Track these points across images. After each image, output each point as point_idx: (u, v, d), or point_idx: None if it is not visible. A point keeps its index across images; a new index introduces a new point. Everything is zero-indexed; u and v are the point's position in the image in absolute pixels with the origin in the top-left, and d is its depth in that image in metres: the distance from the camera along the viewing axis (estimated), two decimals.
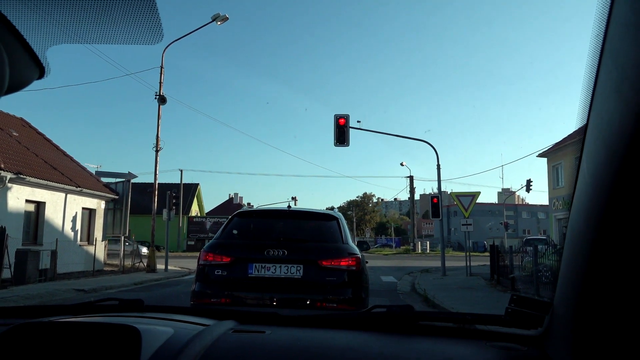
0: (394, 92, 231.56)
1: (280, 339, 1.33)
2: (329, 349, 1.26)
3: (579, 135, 0.86)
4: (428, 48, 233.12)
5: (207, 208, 68.51)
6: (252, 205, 57.28)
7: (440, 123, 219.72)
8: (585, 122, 0.86)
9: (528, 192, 44.30)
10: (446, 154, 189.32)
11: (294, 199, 53.67)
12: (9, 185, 16.46)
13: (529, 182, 43.28)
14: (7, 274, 14.52)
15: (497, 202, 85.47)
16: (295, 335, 1.36)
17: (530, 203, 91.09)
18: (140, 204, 39.86)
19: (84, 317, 1.46)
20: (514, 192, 76.71)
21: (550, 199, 33.43)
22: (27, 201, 17.74)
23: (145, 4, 0.75)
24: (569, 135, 30.51)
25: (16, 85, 0.73)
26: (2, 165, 15.72)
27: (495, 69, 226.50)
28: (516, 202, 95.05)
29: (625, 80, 0.68)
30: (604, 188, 0.79)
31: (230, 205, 72.07)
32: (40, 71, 0.78)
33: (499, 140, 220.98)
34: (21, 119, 22.80)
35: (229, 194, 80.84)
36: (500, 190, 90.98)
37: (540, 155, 33.44)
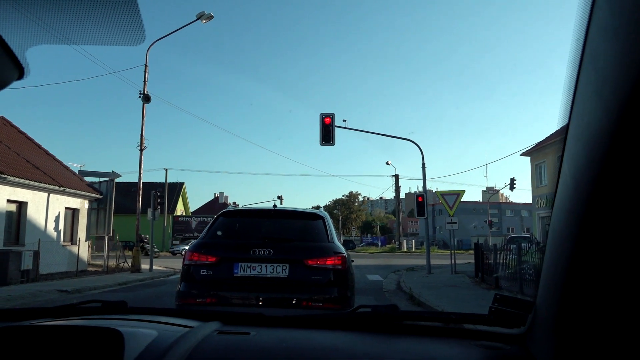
0: (378, 92, 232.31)
1: (265, 340, 1.32)
2: (314, 349, 1.26)
3: (561, 136, 0.87)
4: (411, 49, 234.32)
5: (193, 207, 68.26)
6: (238, 205, 57.09)
7: (425, 122, 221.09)
8: (566, 123, 0.87)
9: (512, 190, 44.81)
10: (431, 153, 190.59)
11: (279, 197, 53.63)
12: None
13: (512, 180, 43.78)
14: None
15: (481, 201, 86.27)
16: (280, 336, 1.35)
17: (514, 201, 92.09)
18: (125, 204, 39.50)
19: (66, 320, 1.44)
20: (498, 191, 77.45)
21: (533, 197, 33.83)
22: (9, 201, 17.47)
23: (126, 5, 0.74)
24: (551, 135, 30.90)
25: None
26: None
27: (478, 69, 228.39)
28: (500, 201, 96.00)
29: (605, 83, 0.69)
30: (584, 189, 0.80)
31: (215, 205, 71.80)
32: (19, 72, 0.76)
33: (483, 139, 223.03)
34: (2, 117, 22.44)
35: (215, 193, 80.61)
36: (485, 189, 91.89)
37: (524, 154, 33.82)
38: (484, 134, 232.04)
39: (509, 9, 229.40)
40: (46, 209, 19.55)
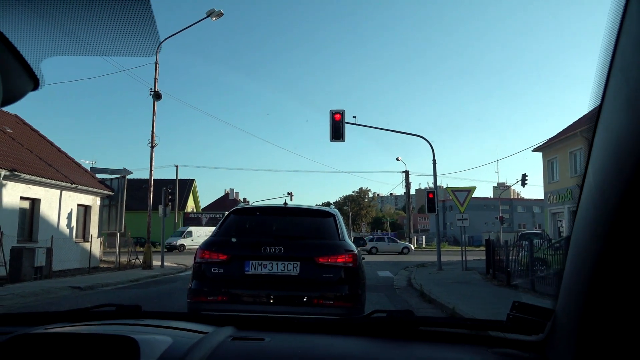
0: (389, 90, 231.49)
1: (280, 346, 1.31)
2: (328, 356, 1.25)
3: (573, 131, 0.85)
4: (423, 45, 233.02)
5: (203, 204, 68.55)
6: (248, 201, 57.24)
7: (436, 119, 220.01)
8: (592, 132, 0.85)
9: (523, 186, 44.43)
10: (442, 149, 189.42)
11: (289, 194, 53.68)
12: (4, 182, 16.37)
13: (524, 176, 43.39)
14: (2, 271, 14.47)
15: (492, 197, 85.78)
16: (295, 342, 1.35)
17: (525, 197, 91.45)
18: (136, 200, 39.80)
19: (81, 326, 1.44)
20: (509, 187, 76.80)
21: (545, 194, 33.54)
22: (22, 198, 17.65)
23: (142, 16, 0.73)
24: (563, 130, 30.58)
25: (10, 97, 0.71)
26: None
27: (491, 65, 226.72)
28: (511, 197, 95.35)
29: (635, 95, 0.66)
30: (610, 199, 0.78)
31: (226, 201, 72.07)
32: (34, 83, 0.76)
33: (495, 135, 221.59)
34: (15, 115, 22.65)
35: (225, 190, 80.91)
36: (496, 185, 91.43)
37: (536, 150, 33.51)
38: (496, 130, 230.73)
39: (524, 3, 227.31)
40: (59, 206, 19.72)
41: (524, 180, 43.41)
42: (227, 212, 6.30)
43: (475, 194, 20.50)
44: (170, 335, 1.27)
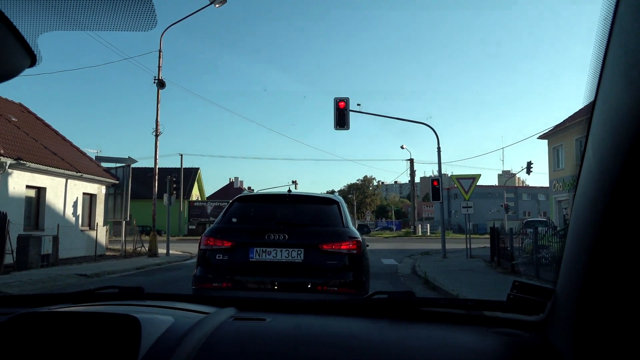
0: (394, 77, 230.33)
1: (281, 326, 1.32)
2: (329, 335, 1.26)
3: (579, 119, 0.84)
4: (427, 32, 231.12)
5: (208, 192, 68.74)
6: (253, 189, 57.31)
7: (441, 106, 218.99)
8: (590, 107, 0.84)
9: (528, 174, 44.31)
10: (446, 137, 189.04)
11: (294, 182, 53.66)
12: (9, 171, 16.45)
13: (529, 164, 43.26)
14: (9, 259, 14.59)
15: (497, 185, 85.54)
16: (295, 322, 1.35)
17: (530, 185, 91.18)
18: (141, 189, 39.89)
19: (84, 306, 1.45)
20: (515, 175, 76.66)
21: (550, 181, 33.45)
22: (28, 187, 17.74)
23: None
24: (569, 117, 30.39)
25: (6, 74, 0.71)
26: (2, 151, 15.70)
27: (495, 52, 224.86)
28: (516, 184, 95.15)
29: (634, 66, 0.66)
30: (610, 174, 0.77)
31: (230, 190, 72.17)
32: (31, 59, 0.76)
33: (500, 123, 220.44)
34: (20, 104, 22.70)
35: (230, 178, 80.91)
36: (501, 173, 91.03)
37: (541, 137, 33.37)
38: (501, 118, 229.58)
39: None
40: (64, 194, 19.82)
41: (529, 167, 43.28)
42: (231, 200, 6.32)
43: (480, 182, 20.47)
44: (172, 315, 1.29)
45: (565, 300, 1.09)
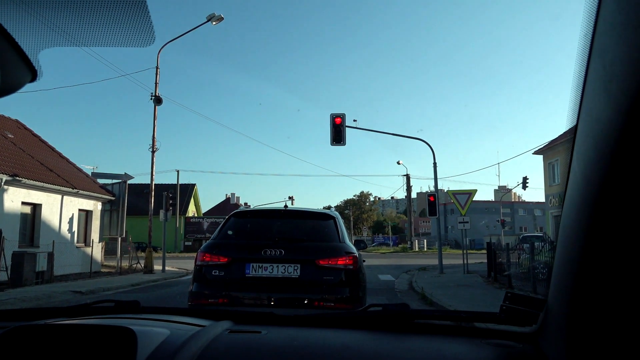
0: (386, 91, 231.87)
1: (276, 338, 1.33)
2: (324, 348, 1.27)
3: (570, 135, 0.87)
4: (419, 47, 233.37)
5: (204, 208, 68.53)
6: (249, 205, 57.20)
7: (435, 121, 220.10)
8: (575, 121, 0.86)
9: (524, 189, 44.59)
10: (442, 152, 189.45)
11: (290, 198, 53.60)
12: (5, 187, 16.40)
13: (525, 179, 43.41)
14: (3, 276, 14.47)
15: (493, 200, 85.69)
16: (291, 335, 1.36)
17: (526, 200, 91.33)
18: (137, 205, 39.81)
19: (80, 319, 1.46)
20: (511, 190, 76.82)
21: (546, 196, 33.54)
22: (23, 203, 17.68)
23: (136, 6, 0.75)
24: (564, 133, 30.55)
25: (8, 88, 0.73)
26: None
27: (488, 67, 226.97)
28: (513, 200, 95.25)
29: (613, 79, 0.68)
30: (594, 186, 0.79)
31: (227, 205, 72.01)
32: (32, 74, 0.78)
33: (495, 138, 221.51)
34: (16, 120, 22.72)
35: (226, 194, 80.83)
36: (497, 188, 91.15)
37: (536, 153, 33.54)
38: (496, 133, 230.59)
39: (517, 5, 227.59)
40: (60, 210, 19.75)
41: (525, 183, 43.42)
42: (228, 216, 6.32)
43: (477, 197, 20.50)
44: (167, 328, 1.29)
45: (557, 310, 1.10)
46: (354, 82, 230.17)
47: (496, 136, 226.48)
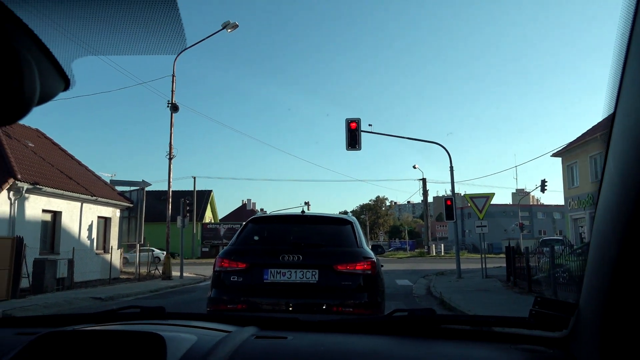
0: (407, 97, 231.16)
1: (303, 344, 1.32)
2: (352, 353, 1.26)
3: (597, 134, 0.85)
4: (443, 52, 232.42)
5: (221, 214, 68.95)
6: (266, 211, 57.34)
7: (454, 125, 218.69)
8: (610, 121, 0.85)
9: (543, 192, 43.90)
10: (459, 156, 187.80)
11: (307, 203, 53.73)
12: (26, 195, 16.68)
13: (543, 182, 42.86)
14: (25, 283, 14.69)
15: (511, 203, 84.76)
16: (317, 340, 1.35)
17: (545, 203, 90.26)
18: (155, 212, 40.20)
19: (107, 325, 1.47)
20: (529, 193, 75.92)
21: (565, 199, 33.07)
22: (44, 211, 17.95)
23: (168, 14, 0.76)
24: (582, 135, 30.19)
25: (44, 97, 0.74)
26: (19, 176, 15.94)
27: (509, 72, 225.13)
28: (531, 203, 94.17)
29: None
30: (632, 187, 0.78)
31: (243, 211, 72.33)
32: (65, 83, 0.79)
33: (513, 141, 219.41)
34: (37, 130, 23.10)
35: (242, 200, 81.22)
36: (515, 191, 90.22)
37: (555, 155, 33.13)
38: (514, 136, 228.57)
39: (542, 8, 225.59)
40: (80, 218, 20.01)
41: (543, 186, 42.88)
42: (245, 222, 6.34)
43: (494, 201, 20.29)
44: (195, 334, 1.30)
45: (589, 315, 1.08)
46: (379, 87, 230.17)
47: (514, 139, 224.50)
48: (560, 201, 38.16)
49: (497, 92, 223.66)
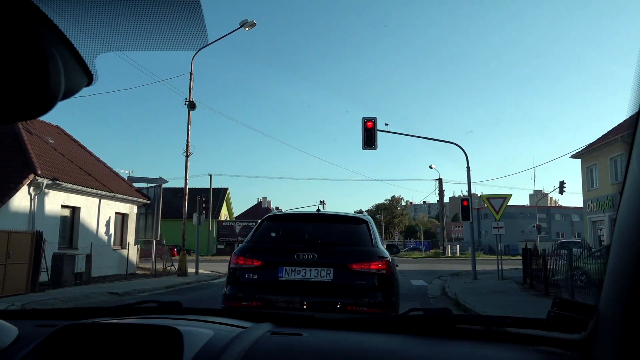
0: (423, 97, 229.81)
1: (318, 341, 1.33)
2: (367, 351, 1.26)
3: (617, 135, 0.84)
4: (461, 52, 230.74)
5: (236, 212, 69.35)
6: (281, 209, 57.52)
7: (471, 125, 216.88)
8: (634, 120, 0.83)
9: (561, 194, 43.34)
10: (476, 156, 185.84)
11: (322, 202, 53.79)
12: (46, 191, 16.95)
13: (562, 183, 42.29)
14: (44, 277, 14.94)
15: (529, 205, 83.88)
16: (333, 338, 1.36)
17: (563, 205, 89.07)
18: (171, 209, 40.54)
19: (125, 319, 1.49)
20: (547, 194, 74.97)
21: (584, 201, 32.61)
22: (63, 206, 18.23)
23: (191, 9, 0.77)
24: (603, 136, 29.72)
25: (68, 92, 0.75)
26: (39, 172, 16.20)
27: (527, 73, 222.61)
28: (549, 205, 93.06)
29: None
30: None
31: (258, 209, 72.67)
32: (89, 78, 0.80)
33: (531, 142, 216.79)
34: (57, 126, 23.45)
35: (258, 198, 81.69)
36: (532, 193, 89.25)
37: (574, 157, 32.68)
38: (532, 136, 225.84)
39: (562, 8, 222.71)
40: (98, 213, 20.29)
41: (561, 187, 42.32)
42: (260, 219, 6.37)
43: (511, 202, 20.11)
44: (211, 329, 1.31)
45: (609, 317, 1.06)
46: (399, 85, 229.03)
47: (532, 140, 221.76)
48: (579, 203, 37.69)
49: (517, 91, 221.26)
